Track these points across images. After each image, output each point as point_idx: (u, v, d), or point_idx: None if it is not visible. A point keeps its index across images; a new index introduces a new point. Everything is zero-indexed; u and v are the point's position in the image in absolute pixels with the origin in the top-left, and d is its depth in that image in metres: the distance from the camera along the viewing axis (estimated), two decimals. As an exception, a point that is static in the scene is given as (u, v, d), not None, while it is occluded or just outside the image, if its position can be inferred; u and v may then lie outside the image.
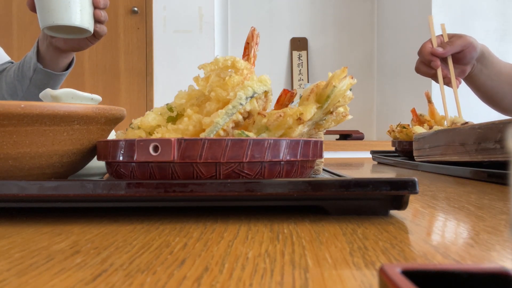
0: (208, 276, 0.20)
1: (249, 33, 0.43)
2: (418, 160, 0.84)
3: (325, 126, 0.42)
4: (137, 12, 2.05)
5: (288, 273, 0.20)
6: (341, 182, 0.33)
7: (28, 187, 0.32)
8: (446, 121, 0.96)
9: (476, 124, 0.64)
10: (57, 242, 0.26)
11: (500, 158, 0.57)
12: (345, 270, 0.21)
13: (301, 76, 2.52)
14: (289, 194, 0.32)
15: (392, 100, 2.36)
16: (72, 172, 0.42)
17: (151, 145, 0.33)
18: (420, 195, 0.46)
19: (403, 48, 2.24)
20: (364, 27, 2.58)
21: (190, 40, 2.01)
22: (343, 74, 0.39)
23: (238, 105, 0.37)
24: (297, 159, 0.36)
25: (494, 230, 0.29)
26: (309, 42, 2.56)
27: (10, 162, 0.35)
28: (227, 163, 0.33)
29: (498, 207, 0.38)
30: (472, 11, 1.98)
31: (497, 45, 1.98)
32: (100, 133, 0.40)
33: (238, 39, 2.51)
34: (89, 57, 2.06)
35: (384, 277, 0.14)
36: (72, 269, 0.21)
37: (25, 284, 0.19)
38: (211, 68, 0.39)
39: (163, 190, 0.32)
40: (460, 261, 0.22)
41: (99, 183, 0.32)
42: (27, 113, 0.34)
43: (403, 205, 0.34)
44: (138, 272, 0.21)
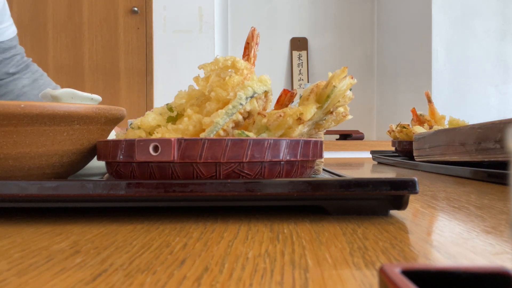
0: (208, 276, 0.20)
1: (249, 33, 0.43)
2: (418, 160, 0.84)
3: (325, 126, 0.42)
4: (137, 12, 2.05)
5: (288, 273, 0.20)
6: (341, 182, 0.33)
7: (28, 187, 0.32)
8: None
9: (476, 124, 0.64)
10: (57, 242, 0.26)
11: (500, 158, 0.57)
12: (345, 270, 0.21)
13: (301, 76, 2.52)
14: (289, 194, 0.32)
15: (392, 100, 2.36)
16: (72, 172, 0.42)
17: (151, 145, 0.33)
18: (420, 195, 0.46)
19: (403, 48, 2.24)
20: (364, 27, 2.58)
21: (190, 40, 2.01)
22: (343, 74, 0.39)
23: (238, 105, 0.37)
24: (297, 159, 0.36)
25: (494, 230, 0.29)
26: (309, 42, 2.56)
27: (10, 162, 0.35)
28: (227, 163, 0.33)
29: (498, 207, 0.38)
30: (472, 11, 1.98)
31: (497, 45, 1.98)
32: (100, 133, 0.40)
33: (238, 39, 2.51)
34: (89, 57, 2.06)
35: (384, 277, 0.14)
36: (72, 269, 0.21)
37: (25, 284, 0.19)
38: (211, 68, 0.39)
39: (163, 190, 0.32)
40: (460, 261, 0.22)
41: (99, 183, 0.32)
42: (27, 113, 0.34)
43: (403, 205, 0.34)
44: (138, 272, 0.21)
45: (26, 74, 0.95)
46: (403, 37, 2.24)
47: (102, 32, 2.05)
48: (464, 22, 1.97)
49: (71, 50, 2.03)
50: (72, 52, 2.02)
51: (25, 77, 0.94)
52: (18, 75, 0.94)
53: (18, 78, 0.94)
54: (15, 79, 0.93)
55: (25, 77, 0.94)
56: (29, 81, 0.94)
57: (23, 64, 0.95)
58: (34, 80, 0.95)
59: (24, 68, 0.95)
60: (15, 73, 0.93)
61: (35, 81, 0.95)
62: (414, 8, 2.12)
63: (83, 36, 2.05)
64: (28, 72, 0.95)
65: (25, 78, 0.94)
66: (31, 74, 0.96)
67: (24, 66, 0.95)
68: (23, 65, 0.95)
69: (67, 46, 2.02)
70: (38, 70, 0.98)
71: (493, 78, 1.98)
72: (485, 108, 1.97)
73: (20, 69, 0.94)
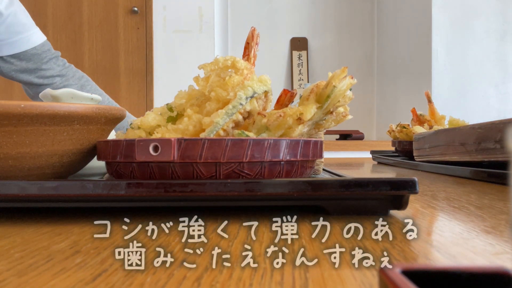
0: (208, 276, 0.20)
1: (249, 33, 0.43)
2: (418, 160, 0.84)
3: (325, 126, 0.42)
4: (137, 12, 2.05)
5: (288, 273, 0.20)
6: (341, 182, 0.33)
7: (28, 187, 0.32)
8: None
9: (476, 124, 0.64)
10: (57, 242, 0.26)
11: (500, 158, 0.57)
12: (345, 270, 0.21)
13: (301, 76, 2.52)
14: (289, 194, 0.32)
15: (392, 100, 2.36)
16: (72, 172, 0.42)
17: (151, 145, 0.33)
18: (420, 195, 0.46)
19: (403, 48, 2.24)
20: (364, 27, 2.58)
21: (190, 40, 2.01)
22: (343, 74, 0.39)
23: (238, 105, 0.37)
24: (297, 159, 0.36)
25: (494, 230, 0.29)
26: (309, 42, 2.56)
27: (10, 162, 0.35)
28: (227, 163, 0.33)
29: (498, 207, 0.38)
30: (472, 11, 1.98)
31: (497, 45, 1.98)
32: (100, 133, 0.40)
33: (238, 39, 2.51)
34: (89, 57, 2.06)
35: (384, 277, 0.14)
36: (72, 269, 0.21)
37: (25, 284, 0.19)
38: (211, 68, 0.39)
39: (163, 190, 0.32)
40: (460, 261, 0.22)
41: (99, 183, 0.32)
42: (27, 113, 0.34)
43: (403, 205, 0.34)
44: (138, 272, 0.21)
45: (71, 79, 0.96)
46: (403, 37, 2.24)
47: (102, 32, 2.05)
48: (464, 22, 1.97)
49: (71, 50, 2.03)
50: (72, 52, 2.02)
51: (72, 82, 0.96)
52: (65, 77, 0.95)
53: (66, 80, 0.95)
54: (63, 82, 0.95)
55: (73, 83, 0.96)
56: (77, 87, 0.96)
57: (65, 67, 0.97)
58: (81, 86, 0.96)
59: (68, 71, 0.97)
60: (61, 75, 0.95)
61: (82, 87, 0.96)
62: (414, 8, 2.12)
63: (83, 36, 2.05)
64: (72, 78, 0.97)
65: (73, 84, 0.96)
66: (78, 80, 0.97)
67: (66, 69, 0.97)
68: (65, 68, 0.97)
69: (67, 46, 2.02)
70: (83, 76, 1.00)
71: (493, 78, 1.98)
72: (485, 108, 1.97)
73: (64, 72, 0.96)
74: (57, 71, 0.95)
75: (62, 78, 0.95)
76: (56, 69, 0.95)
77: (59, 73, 0.95)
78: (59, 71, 0.96)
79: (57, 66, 0.96)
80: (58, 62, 0.97)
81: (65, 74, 0.96)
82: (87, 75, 1.02)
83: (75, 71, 0.99)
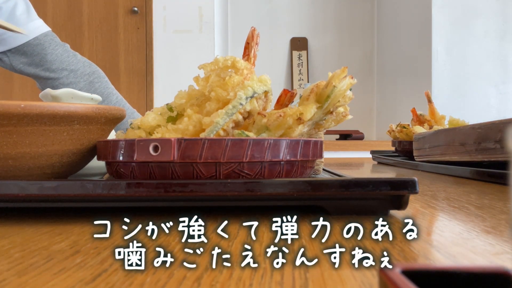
0: (208, 276, 0.20)
1: (249, 33, 0.43)
2: (418, 160, 0.84)
3: (325, 126, 0.42)
4: (137, 12, 2.05)
5: (288, 273, 0.20)
6: (341, 182, 0.33)
7: (28, 187, 0.32)
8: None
9: (476, 124, 0.64)
10: (57, 242, 0.26)
11: (500, 158, 0.57)
12: (345, 270, 0.21)
13: (301, 76, 2.52)
14: (289, 194, 0.32)
15: (392, 100, 2.36)
16: (72, 172, 0.42)
17: (151, 145, 0.33)
18: (420, 195, 0.46)
19: (403, 48, 2.24)
20: (364, 27, 2.58)
21: (190, 40, 2.01)
22: (343, 74, 0.39)
23: (238, 105, 0.37)
24: (297, 159, 0.36)
25: (494, 230, 0.29)
26: (309, 42, 2.56)
27: (10, 162, 0.35)
28: (227, 163, 0.33)
29: (498, 207, 0.38)
30: (472, 11, 1.98)
31: (497, 45, 1.98)
32: (100, 133, 0.40)
33: (238, 39, 2.51)
34: (89, 57, 2.05)
35: (384, 277, 0.14)
36: (72, 269, 0.21)
37: (25, 284, 0.19)
38: (211, 68, 0.39)
39: (163, 190, 0.32)
40: (460, 261, 0.22)
41: (99, 183, 0.32)
42: (27, 113, 0.34)
43: (403, 205, 0.34)
44: (138, 272, 0.21)
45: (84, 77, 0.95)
46: (403, 37, 2.24)
47: (102, 32, 2.05)
48: (464, 22, 1.97)
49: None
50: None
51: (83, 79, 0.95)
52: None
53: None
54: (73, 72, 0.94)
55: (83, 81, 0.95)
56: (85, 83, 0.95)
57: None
58: (90, 82, 0.96)
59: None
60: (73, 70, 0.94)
61: (91, 84, 0.95)
62: (414, 8, 2.12)
63: (83, 36, 2.05)
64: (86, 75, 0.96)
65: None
66: (88, 76, 0.96)
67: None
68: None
69: (67, 46, 2.02)
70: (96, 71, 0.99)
71: (493, 78, 1.98)
72: (485, 108, 1.97)
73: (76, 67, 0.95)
74: (65, 64, 0.93)
75: (70, 73, 0.94)
76: (64, 62, 0.93)
77: (67, 66, 0.94)
78: (67, 64, 0.94)
79: (65, 58, 0.94)
80: (65, 54, 0.95)
81: (73, 69, 0.94)
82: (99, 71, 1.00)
83: (87, 66, 0.97)
